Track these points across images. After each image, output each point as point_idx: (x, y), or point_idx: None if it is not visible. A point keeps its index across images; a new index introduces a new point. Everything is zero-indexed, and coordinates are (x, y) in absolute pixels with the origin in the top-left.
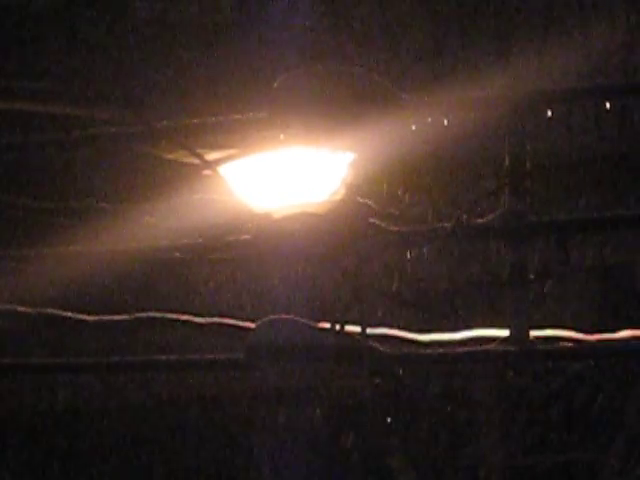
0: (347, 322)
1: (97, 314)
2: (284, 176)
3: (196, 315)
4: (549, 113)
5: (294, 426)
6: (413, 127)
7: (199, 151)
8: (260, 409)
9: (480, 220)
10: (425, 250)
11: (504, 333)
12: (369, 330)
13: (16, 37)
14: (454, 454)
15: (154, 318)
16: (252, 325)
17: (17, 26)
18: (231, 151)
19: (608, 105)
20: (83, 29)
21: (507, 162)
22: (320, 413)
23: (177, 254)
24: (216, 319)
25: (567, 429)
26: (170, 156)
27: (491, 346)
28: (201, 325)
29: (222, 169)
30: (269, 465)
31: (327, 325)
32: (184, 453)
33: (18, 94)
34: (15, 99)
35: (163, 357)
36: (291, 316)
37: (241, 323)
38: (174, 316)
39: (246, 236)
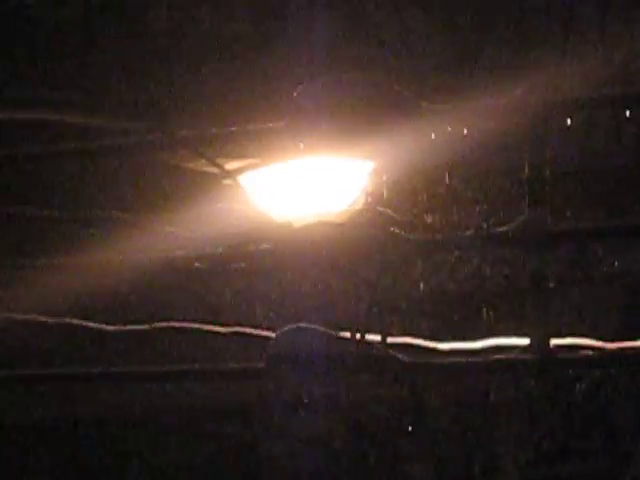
0: (367, 331)
1: (117, 324)
2: (304, 185)
3: (216, 324)
4: (569, 122)
5: (314, 436)
6: (433, 136)
7: (219, 160)
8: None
9: (500, 228)
10: (446, 259)
11: (524, 342)
12: (389, 339)
13: (35, 48)
14: (473, 462)
15: (174, 328)
16: (272, 334)
17: (36, 38)
18: (251, 160)
19: (628, 113)
20: (102, 40)
21: (527, 170)
22: (341, 422)
23: (197, 264)
24: (236, 328)
25: (587, 438)
26: (190, 165)
27: (511, 355)
28: (221, 334)
29: (242, 178)
30: (287, 475)
31: (348, 334)
32: (201, 462)
33: (38, 104)
34: (35, 109)
35: (184, 366)
36: (311, 325)
37: (261, 332)
38: (195, 325)
39: (266, 245)
